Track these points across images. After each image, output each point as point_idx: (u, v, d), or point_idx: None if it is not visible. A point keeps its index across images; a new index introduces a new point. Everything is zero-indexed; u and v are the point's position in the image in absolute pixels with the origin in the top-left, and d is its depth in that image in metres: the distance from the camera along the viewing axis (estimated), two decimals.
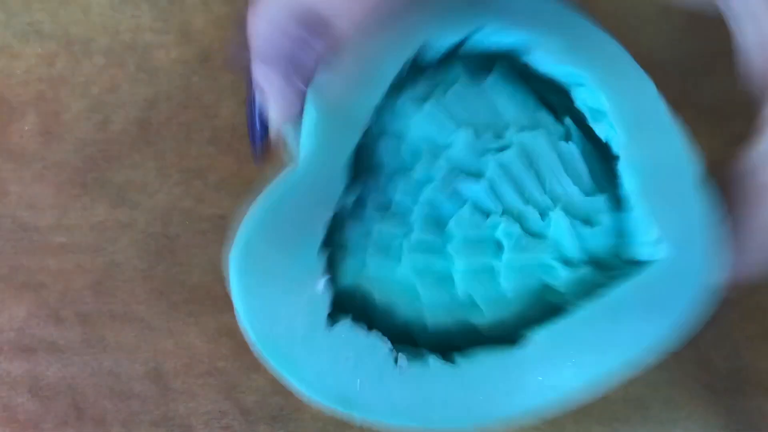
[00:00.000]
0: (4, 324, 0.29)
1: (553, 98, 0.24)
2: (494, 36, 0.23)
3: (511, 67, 0.24)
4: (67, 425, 0.28)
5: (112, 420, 0.28)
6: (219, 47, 0.33)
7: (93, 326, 0.29)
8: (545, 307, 0.22)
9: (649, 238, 0.22)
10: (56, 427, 0.28)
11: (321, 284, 0.21)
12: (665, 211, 0.22)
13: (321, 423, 0.28)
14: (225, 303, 0.30)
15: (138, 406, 0.28)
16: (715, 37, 0.28)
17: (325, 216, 0.22)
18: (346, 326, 0.21)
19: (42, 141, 0.32)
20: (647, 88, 0.23)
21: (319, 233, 0.22)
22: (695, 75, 0.32)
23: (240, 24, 0.22)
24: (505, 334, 0.22)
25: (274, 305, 0.21)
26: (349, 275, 0.22)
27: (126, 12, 0.33)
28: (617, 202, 0.23)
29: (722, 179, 0.23)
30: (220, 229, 0.31)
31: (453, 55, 0.24)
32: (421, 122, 0.23)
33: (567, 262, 0.22)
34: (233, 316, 0.30)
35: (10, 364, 0.29)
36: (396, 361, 0.21)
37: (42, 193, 0.31)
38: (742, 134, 0.23)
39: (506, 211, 0.22)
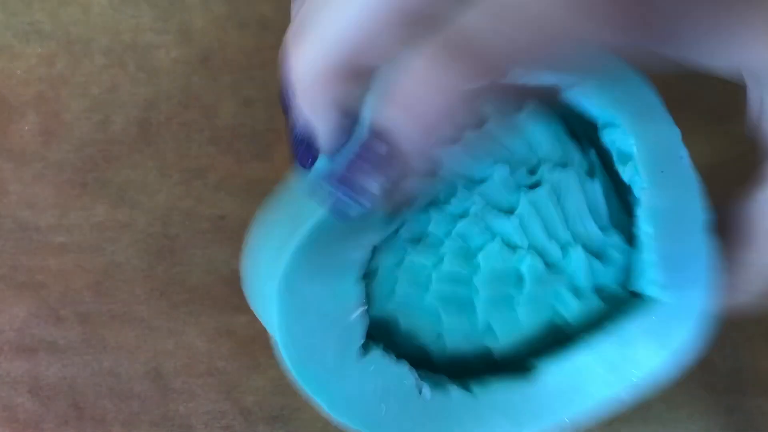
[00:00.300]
0: (4, 324, 0.29)
1: (579, 128, 0.24)
2: (531, 76, 0.24)
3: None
4: (67, 425, 0.28)
5: (112, 420, 0.28)
6: (219, 47, 0.33)
7: (93, 326, 0.29)
8: (555, 336, 0.24)
9: (656, 280, 0.23)
10: (56, 427, 0.28)
11: (357, 315, 0.22)
12: (674, 258, 0.23)
13: (321, 423, 0.28)
14: (225, 303, 0.30)
15: (138, 406, 0.28)
16: None
17: (365, 246, 0.22)
18: (377, 355, 0.22)
19: (42, 141, 0.32)
20: (673, 135, 0.24)
21: (358, 263, 0.22)
22: (695, 75, 0.32)
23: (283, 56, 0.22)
24: (517, 360, 0.23)
25: (310, 335, 0.22)
26: (377, 302, 0.23)
27: (126, 12, 0.33)
28: (630, 239, 0.24)
29: (725, 217, 0.23)
30: (220, 229, 0.31)
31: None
32: (458, 156, 0.23)
33: (577, 293, 0.23)
34: (233, 316, 0.30)
35: (10, 364, 0.29)
36: (420, 391, 0.22)
37: (42, 193, 0.31)
38: (742, 134, 0.23)
39: (531, 246, 0.23)
